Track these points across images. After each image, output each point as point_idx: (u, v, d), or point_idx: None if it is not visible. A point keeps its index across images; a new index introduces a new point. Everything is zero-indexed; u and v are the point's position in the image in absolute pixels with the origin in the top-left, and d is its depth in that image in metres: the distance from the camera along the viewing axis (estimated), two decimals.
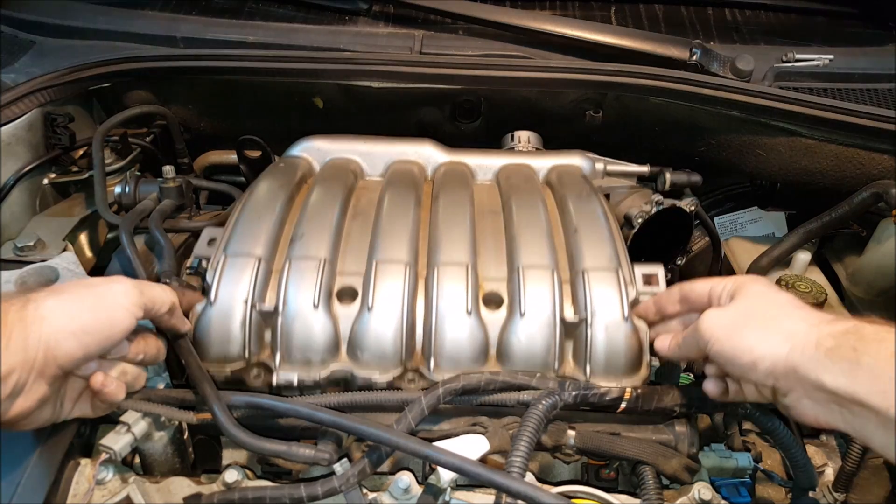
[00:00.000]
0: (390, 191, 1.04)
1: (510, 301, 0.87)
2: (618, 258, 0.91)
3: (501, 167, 1.15)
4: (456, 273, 0.88)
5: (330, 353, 0.85)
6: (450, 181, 1.09)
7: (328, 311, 0.86)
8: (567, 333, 0.86)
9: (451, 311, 0.85)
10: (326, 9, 1.38)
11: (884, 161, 1.11)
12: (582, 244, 0.92)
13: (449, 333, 0.84)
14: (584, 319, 0.85)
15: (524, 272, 0.88)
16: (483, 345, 0.85)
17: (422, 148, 1.18)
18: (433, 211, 1.01)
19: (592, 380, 0.84)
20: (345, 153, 1.16)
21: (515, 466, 0.71)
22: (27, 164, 1.18)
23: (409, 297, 0.86)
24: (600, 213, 1.00)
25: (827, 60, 1.21)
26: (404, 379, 0.85)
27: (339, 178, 1.08)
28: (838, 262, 1.32)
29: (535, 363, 0.84)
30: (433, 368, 0.84)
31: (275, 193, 1.02)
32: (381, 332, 0.84)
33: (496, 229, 0.98)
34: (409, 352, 0.85)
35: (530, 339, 0.84)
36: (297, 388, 0.85)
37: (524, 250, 0.91)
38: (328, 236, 0.93)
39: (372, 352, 0.84)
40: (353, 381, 0.85)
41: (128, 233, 1.01)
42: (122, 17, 1.33)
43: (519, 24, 1.26)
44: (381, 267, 0.88)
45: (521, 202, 1.01)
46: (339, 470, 0.77)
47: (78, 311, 0.66)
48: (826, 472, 1.01)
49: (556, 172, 1.14)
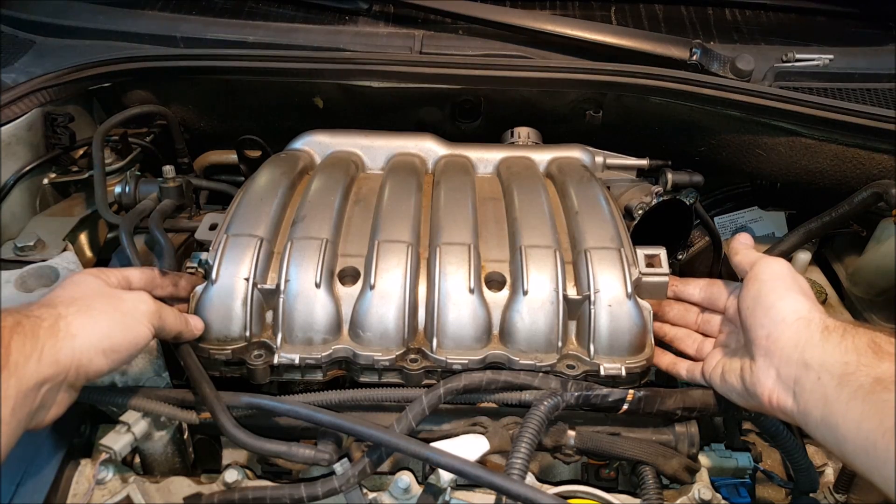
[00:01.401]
0: (391, 178, 1.05)
1: (513, 281, 0.87)
2: (620, 238, 0.91)
3: (502, 159, 1.15)
4: (458, 253, 0.88)
5: (332, 333, 0.85)
6: (451, 170, 1.10)
7: (330, 291, 0.86)
8: (570, 313, 0.85)
9: (453, 291, 0.85)
10: (326, 9, 1.38)
11: (884, 161, 1.11)
12: (583, 225, 0.92)
13: (452, 313, 0.84)
14: (587, 297, 0.84)
15: (526, 251, 0.87)
16: (486, 324, 0.85)
17: (422, 142, 1.18)
18: (434, 196, 1.01)
19: (596, 359, 0.83)
20: (346, 147, 1.16)
21: (516, 468, 0.71)
22: (27, 164, 1.18)
23: (412, 277, 0.86)
24: (601, 196, 1.00)
25: (827, 60, 1.21)
26: (406, 359, 0.84)
27: (341, 168, 1.08)
28: (838, 262, 1.33)
29: (538, 342, 0.84)
30: (436, 348, 0.84)
31: (277, 180, 1.02)
32: (383, 311, 0.84)
33: (498, 214, 0.98)
34: (412, 331, 0.85)
35: (533, 317, 0.84)
36: (298, 367, 0.84)
37: (526, 232, 0.91)
38: (330, 219, 0.93)
39: (374, 331, 0.84)
40: (355, 361, 0.84)
41: (128, 233, 1.01)
42: (121, 17, 1.33)
43: (519, 24, 1.26)
44: (384, 247, 0.88)
45: (522, 188, 1.01)
46: (339, 470, 0.77)
47: (108, 331, 0.69)
48: (826, 473, 1.01)
49: (556, 164, 1.14)
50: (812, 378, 0.67)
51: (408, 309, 0.84)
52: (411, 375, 0.83)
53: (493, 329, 0.85)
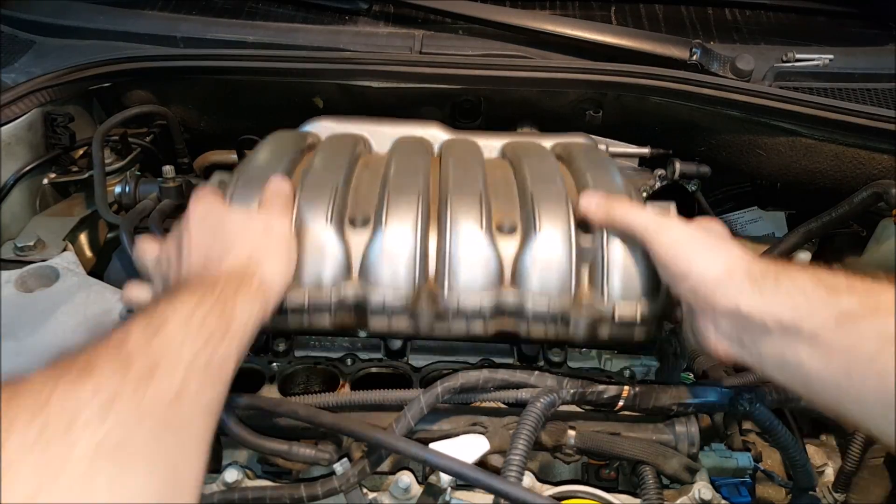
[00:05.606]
0: (399, 150, 1.04)
1: (524, 227, 0.86)
2: (628, 188, 0.90)
3: (506, 143, 1.15)
4: (469, 200, 0.87)
5: (342, 275, 0.83)
6: (458, 145, 1.09)
7: (340, 233, 0.84)
8: (582, 257, 0.84)
9: (465, 234, 0.83)
10: (326, 9, 1.38)
11: (884, 161, 1.12)
12: (593, 180, 0.91)
13: (463, 256, 0.83)
14: (599, 238, 0.83)
15: (536, 197, 0.87)
16: (497, 267, 0.83)
17: (428, 128, 1.17)
18: (443, 165, 0.99)
19: (610, 303, 0.82)
20: (353, 131, 1.15)
21: (514, 466, 0.71)
22: (27, 164, 1.18)
23: (423, 221, 0.84)
24: (607, 160, 1.00)
25: (827, 60, 1.21)
26: (418, 302, 0.83)
27: (349, 140, 1.07)
28: (838, 262, 1.32)
29: (551, 284, 0.82)
30: (447, 291, 0.82)
31: (284, 146, 1.00)
32: (394, 253, 0.83)
33: (507, 178, 0.97)
34: (423, 275, 0.83)
35: (545, 260, 0.83)
36: (307, 310, 0.83)
37: (536, 185, 0.90)
38: (341, 172, 0.92)
39: (385, 275, 0.82)
40: (366, 304, 0.83)
41: (128, 233, 1.01)
42: (121, 17, 1.33)
43: (519, 24, 1.26)
44: (395, 194, 0.87)
45: (530, 157, 1.01)
46: (339, 470, 0.77)
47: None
48: (826, 472, 1.01)
49: (560, 146, 1.14)
50: (758, 328, 0.65)
51: (419, 252, 0.83)
52: (422, 317, 0.82)
53: (504, 273, 0.84)
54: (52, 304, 0.90)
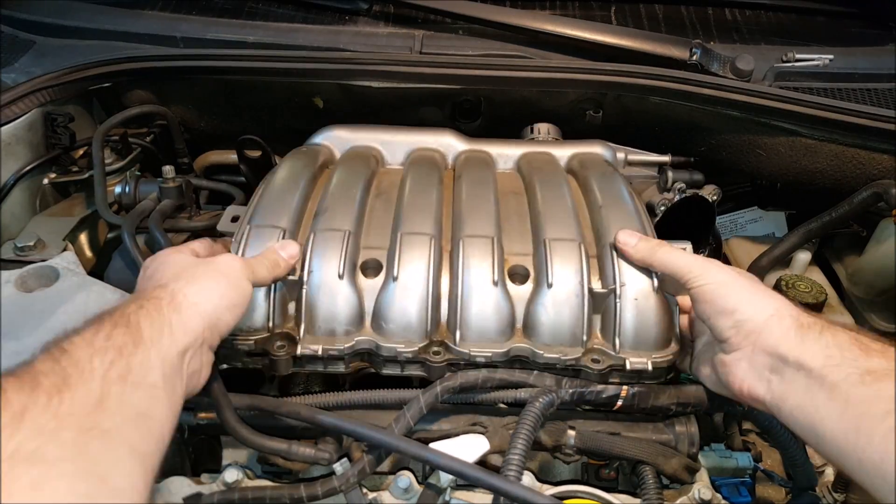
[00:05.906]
0: (413, 171, 1.04)
1: (536, 274, 0.86)
2: (645, 232, 0.89)
3: (522, 155, 1.15)
4: (481, 245, 0.87)
5: (354, 325, 0.84)
6: (472, 163, 1.10)
7: (353, 283, 0.85)
8: (595, 307, 0.84)
9: (476, 283, 0.84)
10: (326, 9, 1.38)
11: (884, 161, 1.11)
12: (608, 219, 0.91)
13: (475, 305, 0.83)
14: (612, 290, 0.83)
15: (550, 244, 0.87)
16: (509, 317, 0.84)
17: (442, 137, 1.18)
18: (456, 189, 1.00)
19: (622, 353, 0.82)
20: (366, 142, 1.16)
21: (513, 465, 0.71)
22: (27, 164, 1.18)
23: (435, 269, 0.85)
24: (624, 190, 0.99)
25: (827, 60, 1.21)
26: (429, 351, 0.83)
27: (362, 161, 1.08)
28: (838, 262, 1.32)
29: (563, 335, 0.83)
30: (459, 341, 0.83)
31: (298, 173, 1.02)
32: (406, 303, 0.84)
33: (520, 208, 0.97)
34: (435, 324, 0.84)
35: (557, 310, 0.83)
36: (321, 358, 0.84)
37: (549, 225, 0.91)
38: (352, 211, 0.93)
39: (397, 323, 0.83)
40: (378, 353, 0.84)
41: (130, 234, 1.01)
42: (122, 17, 1.33)
43: (519, 24, 1.26)
44: (406, 239, 0.88)
45: (544, 182, 1.01)
46: (339, 470, 0.77)
47: (223, 291, 0.73)
48: (826, 472, 1.01)
49: (577, 159, 1.14)
50: (790, 369, 0.68)
51: (431, 301, 0.84)
52: (434, 368, 0.82)
53: (516, 322, 0.85)
54: (52, 304, 0.90)
